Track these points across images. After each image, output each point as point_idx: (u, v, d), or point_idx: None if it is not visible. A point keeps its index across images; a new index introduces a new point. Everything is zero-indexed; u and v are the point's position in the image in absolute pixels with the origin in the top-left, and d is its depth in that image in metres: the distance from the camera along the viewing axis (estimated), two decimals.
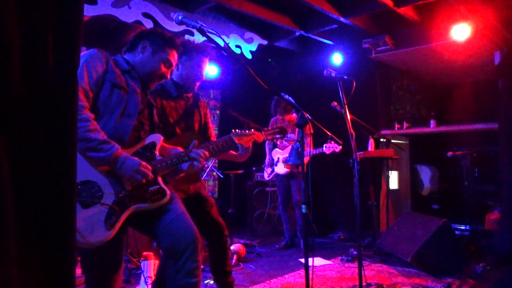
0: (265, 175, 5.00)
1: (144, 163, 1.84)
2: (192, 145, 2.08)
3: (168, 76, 2.13)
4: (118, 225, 1.75)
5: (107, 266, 1.90)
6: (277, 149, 4.87)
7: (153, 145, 1.97)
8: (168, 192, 1.92)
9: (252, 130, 2.38)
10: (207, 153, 2.08)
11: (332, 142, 4.11)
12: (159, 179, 1.93)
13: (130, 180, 1.81)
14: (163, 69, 2.06)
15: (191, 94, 2.62)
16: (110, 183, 1.79)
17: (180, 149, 2.07)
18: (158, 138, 1.99)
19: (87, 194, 1.72)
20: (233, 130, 2.30)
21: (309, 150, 4.12)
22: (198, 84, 2.58)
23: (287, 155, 4.67)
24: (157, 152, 1.97)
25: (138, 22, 3.98)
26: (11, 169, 0.72)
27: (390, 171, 5.05)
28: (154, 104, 2.13)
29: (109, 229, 1.72)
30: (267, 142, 4.94)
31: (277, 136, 2.49)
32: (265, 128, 2.48)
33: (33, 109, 0.77)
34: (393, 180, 5.72)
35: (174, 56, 2.10)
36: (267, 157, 4.94)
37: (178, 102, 2.54)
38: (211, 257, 2.70)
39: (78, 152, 1.71)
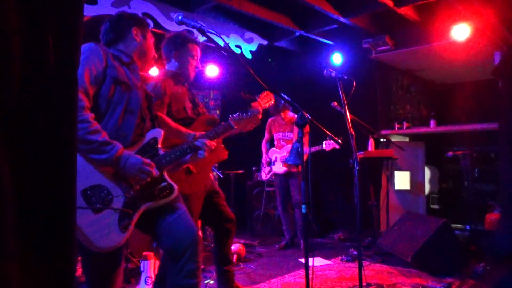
0: (263, 175, 4.98)
1: (147, 160, 1.81)
2: (192, 137, 2.09)
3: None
4: (132, 226, 1.75)
5: (108, 266, 1.90)
6: (274, 148, 4.87)
7: (155, 140, 1.92)
8: (176, 187, 1.90)
9: (249, 113, 2.40)
10: (213, 143, 2.11)
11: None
12: (165, 175, 1.91)
13: (135, 179, 1.78)
14: (154, 51, 2.09)
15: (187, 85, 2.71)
16: (118, 185, 1.76)
17: (192, 133, 2.17)
18: (159, 133, 1.95)
19: (97, 199, 1.70)
20: (230, 116, 2.31)
21: (306, 148, 4.13)
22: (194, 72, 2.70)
23: (285, 153, 4.68)
24: (160, 146, 1.93)
25: None
26: (11, 169, 0.71)
27: (391, 172, 5.04)
28: (153, 96, 2.12)
29: (124, 231, 1.71)
30: (263, 142, 4.96)
31: (269, 102, 2.59)
32: (257, 96, 2.53)
33: (33, 110, 0.77)
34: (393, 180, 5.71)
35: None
36: (264, 156, 4.94)
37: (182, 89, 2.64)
38: (217, 246, 2.86)
39: (81, 155, 1.70)
